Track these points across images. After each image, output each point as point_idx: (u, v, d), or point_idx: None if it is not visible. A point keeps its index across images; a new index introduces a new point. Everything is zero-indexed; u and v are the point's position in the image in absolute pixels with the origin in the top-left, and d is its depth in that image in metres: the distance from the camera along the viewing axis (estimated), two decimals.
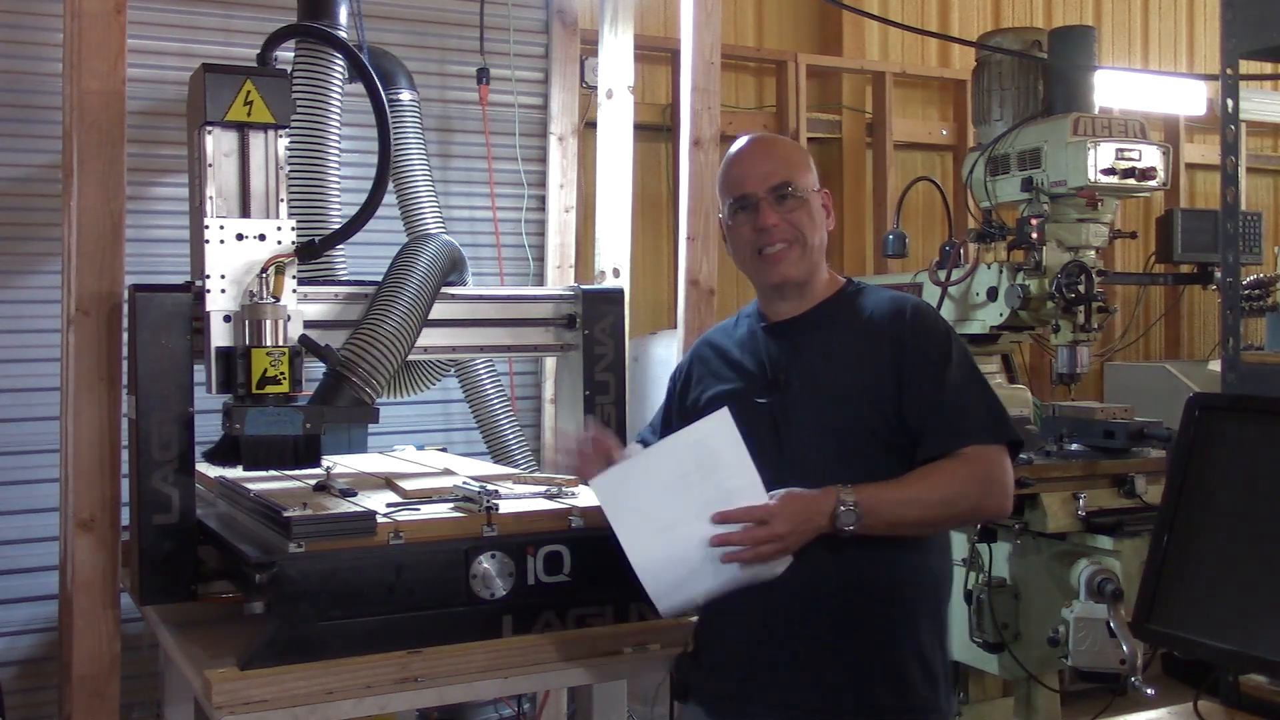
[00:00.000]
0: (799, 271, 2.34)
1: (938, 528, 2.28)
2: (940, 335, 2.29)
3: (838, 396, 2.26)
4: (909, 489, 2.18)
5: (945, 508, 2.21)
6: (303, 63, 3.16)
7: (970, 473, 2.19)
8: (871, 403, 2.23)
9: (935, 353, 2.25)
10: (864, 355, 2.28)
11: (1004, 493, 2.22)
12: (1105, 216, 3.95)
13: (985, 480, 2.20)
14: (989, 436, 2.22)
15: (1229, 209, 2.47)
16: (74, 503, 2.81)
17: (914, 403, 2.22)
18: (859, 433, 2.23)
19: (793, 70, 5.65)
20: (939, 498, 2.19)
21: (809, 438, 2.26)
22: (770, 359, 2.35)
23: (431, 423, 4.38)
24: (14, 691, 3.75)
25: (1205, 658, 2.11)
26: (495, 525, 2.42)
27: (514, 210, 4.54)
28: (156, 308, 2.58)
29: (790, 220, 2.32)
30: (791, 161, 2.38)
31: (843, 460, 2.22)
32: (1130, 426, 3.71)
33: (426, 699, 2.30)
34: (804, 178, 2.36)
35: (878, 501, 2.14)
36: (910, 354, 2.25)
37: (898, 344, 2.26)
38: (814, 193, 2.36)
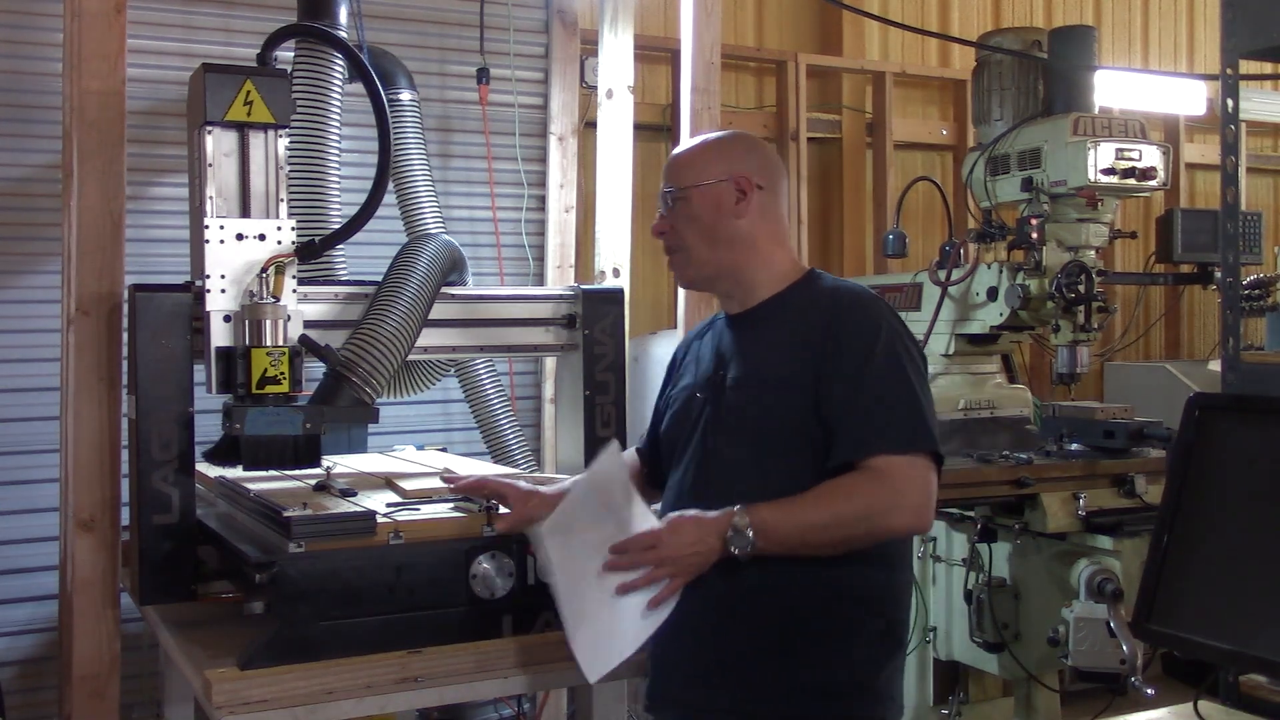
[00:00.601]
0: (693, 275, 2.33)
1: (842, 548, 2.10)
2: (867, 330, 2.15)
3: (760, 392, 2.20)
4: (805, 510, 2.07)
5: (844, 529, 2.07)
6: (303, 63, 3.16)
7: (874, 489, 2.06)
8: (791, 399, 2.14)
9: (856, 349, 2.12)
10: (790, 350, 2.19)
11: (915, 509, 2.07)
12: (1105, 216, 3.96)
13: (891, 496, 2.06)
14: (900, 446, 2.07)
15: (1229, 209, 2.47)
16: (74, 503, 2.81)
17: (827, 403, 2.11)
18: (777, 429, 2.16)
19: (793, 70, 5.65)
20: (836, 518, 2.06)
21: (731, 434, 2.22)
22: (719, 354, 2.32)
23: (431, 423, 4.38)
24: (14, 691, 3.75)
25: (1205, 658, 2.11)
26: (495, 525, 2.42)
27: (514, 210, 4.54)
28: (156, 308, 2.58)
29: (676, 223, 2.29)
30: (680, 162, 2.34)
31: (759, 458, 2.17)
32: (1130, 426, 3.71)
33: (426, 699, 2.30)
34: (689, 174, 2.28)
35: (773, 525, 2.06)
36: (829, 349, 2.14)
37: (821, 337, 2.15)
38: (706, 184, 2.25)
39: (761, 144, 2.42)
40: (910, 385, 2.13)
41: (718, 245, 2.27)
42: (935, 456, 2.12)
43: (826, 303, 2.22)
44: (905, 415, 2.10)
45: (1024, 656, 3.62)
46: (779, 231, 2.33)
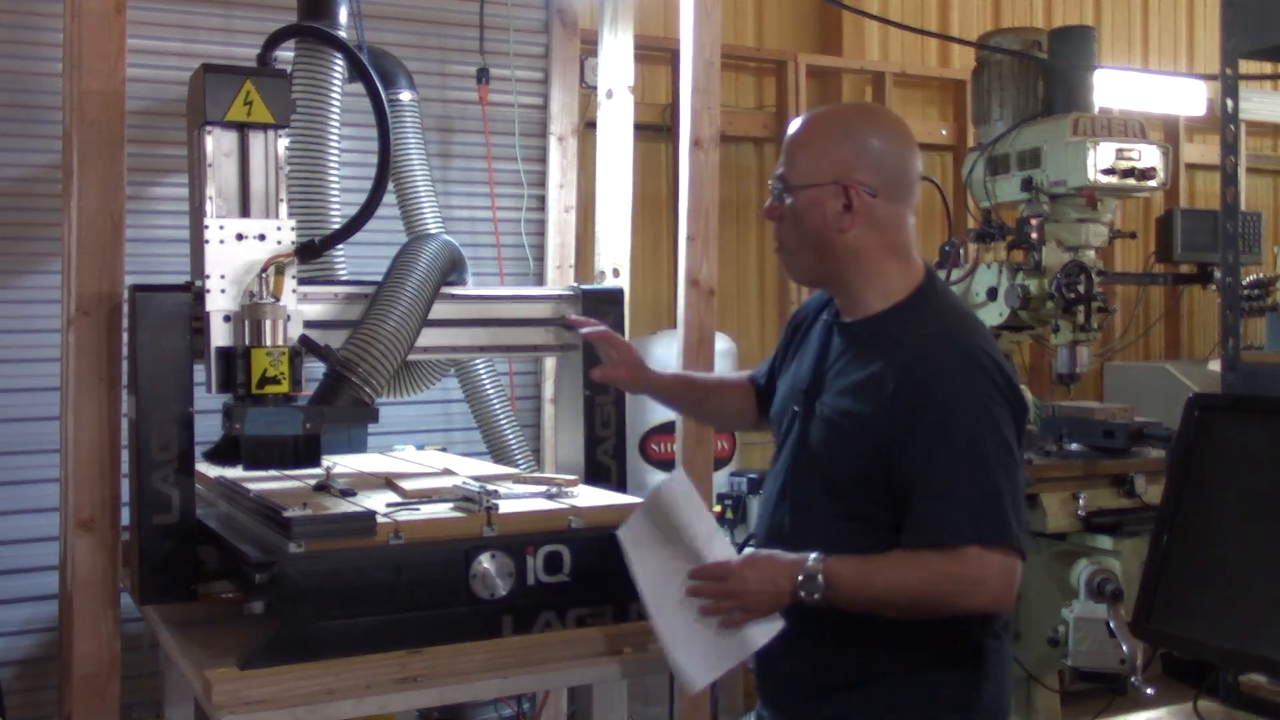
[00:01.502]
0: (798, 275, 2.24)
1: (911, 614, 2.00)
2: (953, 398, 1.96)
3: (834, 432, 2.09)
4: (880, 574, 1.99)
5: (916, 602, 1.98)
6: (303, 63, 3.16)
7: (951, 573, 1.94)
8: (857, 444, 2.04)
9: (935, 420, 1.96)
10: (875, 396, 2.02)
11: (993, 598, 1.96)
12: (1105, 216, 3.96)
13: (967, 584, 1.95)
14: (981, 540, 1.93)
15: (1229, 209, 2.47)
16: (74, 503, 2.81)
17: (902, 474, 1.98)
18: (845, 475, 2.08)
19: (793, 70, 5.65)
20: (908, 592, 1.97)
21: (810, 470, 2.15)
22: (819, 366, 2.18)
23: (431, 423, 4.38)
24: (14, 691, 3.75)
25: (1205, 658, 2.11)
26: (495, 525, 2.42)
27: (514, 210, 4.54)
28: (156, 308, 2.58)
29: (786, 216, 2.13)
30: (799, 148, 2.12)
31: (834, 502, 2.09)
32: (1130, 426, 3.72)
33: (426, 699, 2.30)
34: (803, 166, 2.09)
35: (845, 581, 1.99)
36: (909, 413, 1.97)
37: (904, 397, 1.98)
38: (815, 186, 2.07)
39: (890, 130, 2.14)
40: (992, 469, 1.95)
41: (821, 254, 2.10)
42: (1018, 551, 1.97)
43: (920, 348, 2.02)
44: (987, 505, 1.95)
45: (1024, 656, 3.62)
46: (895, 241, 2.11)
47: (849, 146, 2.08)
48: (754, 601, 2.06)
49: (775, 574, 2.04)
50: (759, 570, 2.06)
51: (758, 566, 2.07)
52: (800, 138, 2.13)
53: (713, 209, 3.64)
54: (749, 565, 2.08)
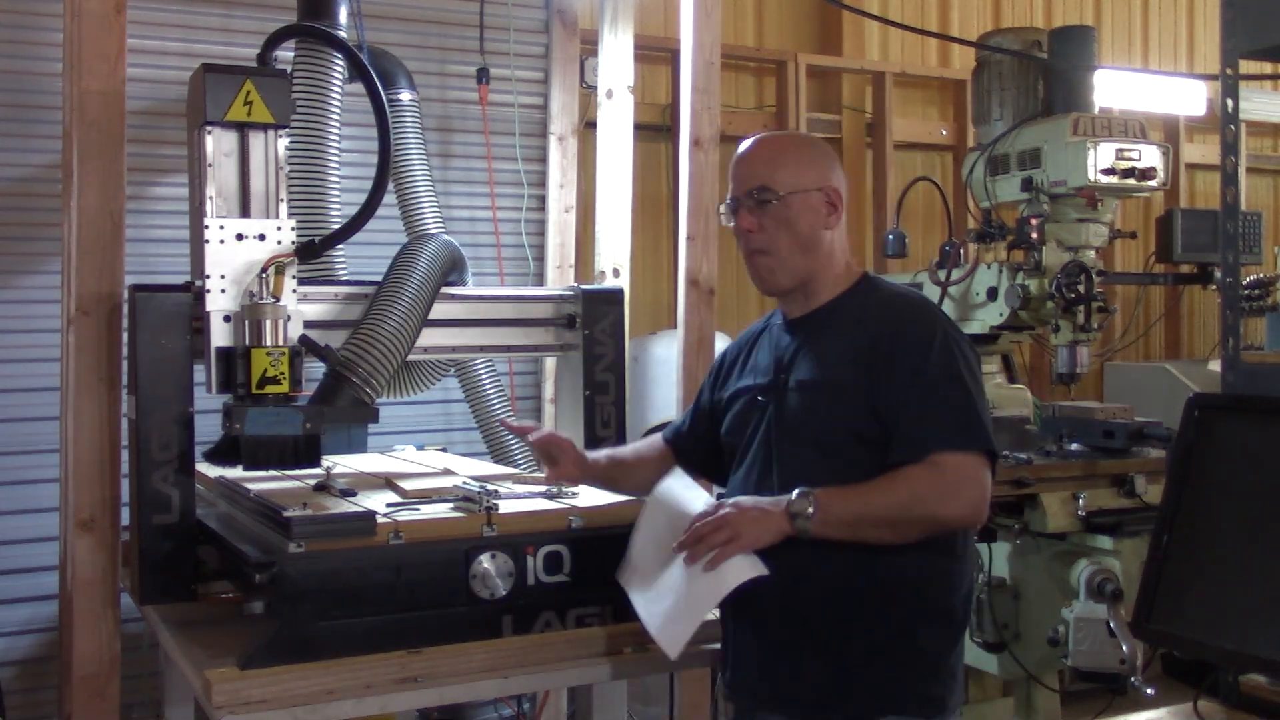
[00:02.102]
0: (781, 280, 2.33)
1: (899, 531, 2.16)
2: (922, 331, 2.22)
3: (821, 395, 2.25)
4: (863, 494, 2.14)
5: (901, 511, 2.14)
6: (303, 63, 3.16)
7: (931, 479, 2.13)
8: (850, 401, 2.20)
9: (911, 351, 2.19)
10: (848, 354, 2.25)
11: (971, 502, 2.15)
12: (1105, 216, 3.96)
13: (947, 487, 2.13)
14: (957, 443, 2.14)
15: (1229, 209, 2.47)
16: (74, 503, 2.81)
17: (885, 403, 2.18)
18: (838, 431, 2.22)
19: (793, 70, 5.65)
20: (892, 504, 2.13)
21: (794, 435, 2.27)
22: (778, 357, 2.36)
23: (431, 423, 4.38)
24: (14, 691, 3.75)
25: (1205, 658, 2.11)
26: (495, 525, 2.42)
27: (514, 210, 4.54)
28: (156, 308, 2.58)
29: (767, 225, 2.29)
30: (775, 162, 2.32)
31: (824, 460, 2.22)
32: (1130, 426, 3.71)
33: (426, 699, 2.30)
34: (787, 178, 2.29)
35: (832, 502, 2.12)
36: (885, 350, 2.20)
37: (875, 339, 2.22)
38: (804, 192, 2.29)
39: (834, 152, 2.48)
40: (965, 386, 2.19)
41: (808, 254, 2.31)
42: (990, 455, 2.18)
43: (883, 309, 2.29)
44: (961, 415, 2.17)
45: (1024, 656, 3.62)
46: (846, 242, 2.41)
47: (822, 159, 2.37)
48: (745, 523, 2.13)
49: (765, 501, 2.17)
50: (749, 500, 2.20)
51: (743, 501, 2.20)
52: (775, 155, 2.35)
53: (713, 209, 3.64)
54: (736, 499, 2.22)
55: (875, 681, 2.19)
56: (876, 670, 2.19)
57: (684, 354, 3.62)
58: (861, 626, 2.19)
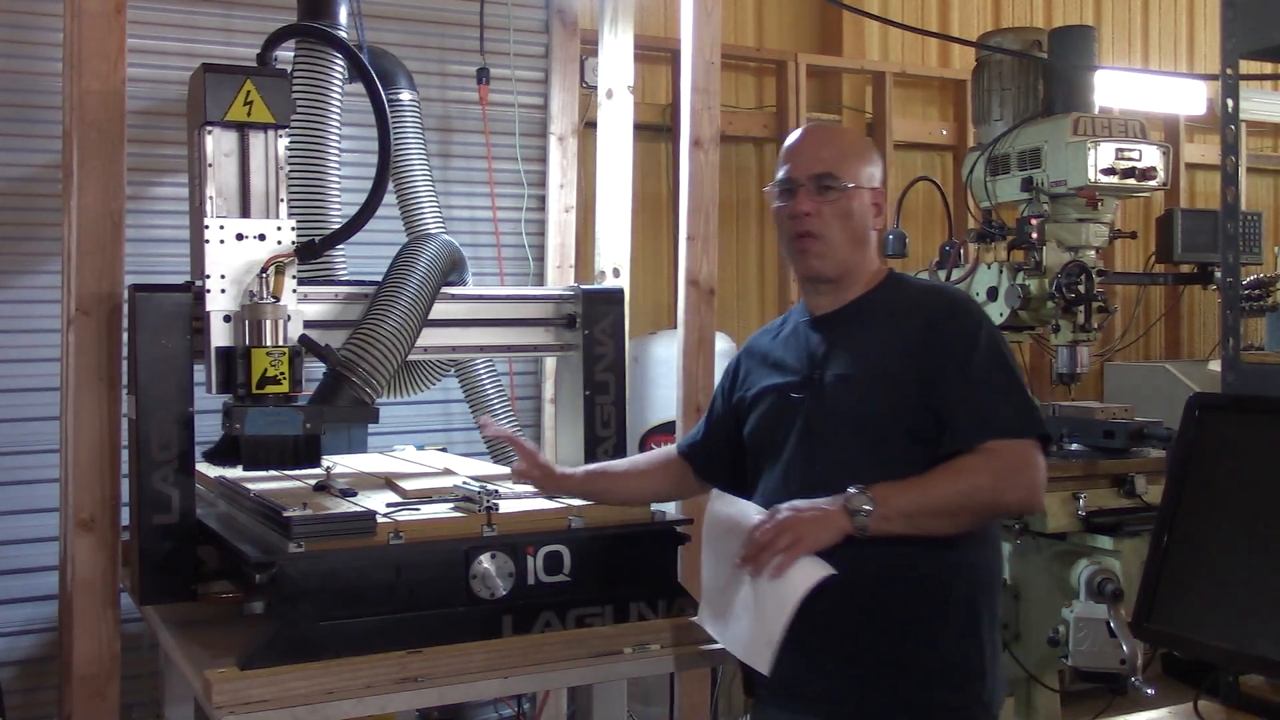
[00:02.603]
0: (827, 267, 2.31)
1: (959, 521, 2.16)
2: (968, 323, 2.25)
3: (864, 389, 2.23)
4: (923, 485, 2.13)
5: (962, 500, 2.13)
6: (303, 63, 3.16)
7: (990, 466, 2.13)
8: (896, 394, 2.20)
9: (961, 343, 2.21)
10: (892, 347, 2.25)
11: (1029, 486, 2.16)
12: (1105, 216, 3.96)
13: (1006, 473, 2.14)
14: (1013, 430, 2.16)
15: (1229, 209, 2.46)
16: (74, 503, 2.81)
17: (938, 395, 2.18)
18: (885, 425, 2.21)
19: (793, 70, 5.65)
20: (953, 492, 2.13)
21: (838, 432, 2.25)
22: (809, 353, 2.34)
23: (431, 423, 4.38)
24: (14, 691, 3.75)
25: (1205, 658, 2.11)
26: (495, 525, 2.42)
27: (514, 210, 4.54)
28: (156, 308, 2.58)
29: (825, 212, 2.28)
30: (843, 153, 2.32)
31: (870, 453, 2.20)
32: (1130, 426, 3.71)
33: (426, 699, 2.30)
34: (852, 171, 2.30)
35: (891, 496, 2.10)
36: (934, 344, 2.21)
37: (924, 334, 2.23)
38: (863, 189, 2.30)
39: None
40: (1014, 374, 2.24)
41: (856, 248, 2.32)
42: (1042, 440, 2.20)
43: (923, 302, 2.31)
44: (1013, 402, 2.19)
45: (1024, 656, 3.62)
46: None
47: (878, 160, 2.40)
48: (804, 525, 2.09)
49: (822, 502, 2.13)
50: (804, 503, 2.14)
51: (802, 502, 2.15)
52: (844, 147, 2.36)
53: (713, 209, 3.64)
54: (791, 504, 2.16)
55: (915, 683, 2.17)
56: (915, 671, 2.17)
57: (684, 354, 3.62)
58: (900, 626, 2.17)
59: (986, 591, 2.26)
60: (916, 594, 2.18)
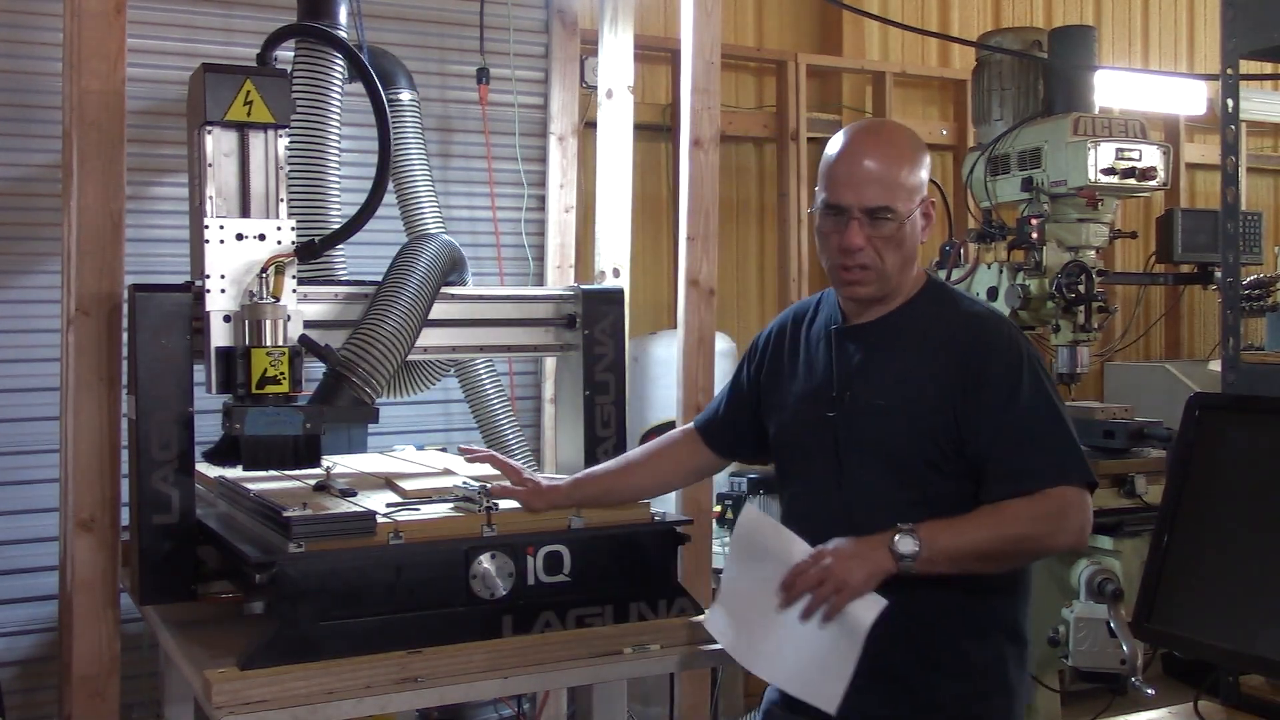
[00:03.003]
0: (871, 291, 2.24)
1: (1002, 564, 2.14)
2: (1010, 359, 2.15)
3: (896, 418, 2.18)
4: (971, 527, 2.09)
5: (1011, 545, 2.11)
6: (303, 63, 3.16)
7: (1042, 514, 2.09)
8: (925, 426, 2.15)
9: (1002, 382, 2.13)
10: (927, 378, 2.17)
11: (1077, 531, 2.11)
12: (1105, 216, 3.96)
13: (1054, 519, 2.09)
14: (1059, 479, 2.09)
15: (1229, 209, 2.47)
16: (74, 503, 2.81)
17: (977, 433, 2.12)
18: (911, 456, 2.17)
19: (793, 70, 5.64)
20: (1004, 536, 2.09)
21: (866, 459, 2.21)
22: (839, 366, 2.28)
23: (431, 423, 4.38)
24: (14, 691, 3.75)
25: (1205, 658, 2.11)
26: (495, 525, 2.42)
27: (514, 210, 4.54)
28: (156, 308, 2.58)
29: (877, 244, 2.18)
30: (897, 178, 2.18)
31: (900, 483, 2.17)
32: (1130, 426, 3.72)
33: (426, 699, 2.29)
34: (906, 194, 2.18)
35: (939, 537, 2.06)
36: (973, 379, 2.13)
37: (961, 370, 2.15)
38: (915, 210, 2.20)
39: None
40: (1059, 415, 2.15)
41: (905, 269, 2.24)
42: (1089, 485, 2.14)
43: (963, 332, 2.20)
44: (1062, 447, 2.13)
45: None
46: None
47: (922, 167, 2.24)
48: (852, 570, 2.04)
49: (866, 543, 2.07)
50: (849, 544, 2.08)
51: (844, 543, 2.08)
52: (902, 169, 2.20)
53: (713, 209, 3.64)
54: (836, 544, 2.09)
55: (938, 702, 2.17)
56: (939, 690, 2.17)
57: (684, 354, 3.62)
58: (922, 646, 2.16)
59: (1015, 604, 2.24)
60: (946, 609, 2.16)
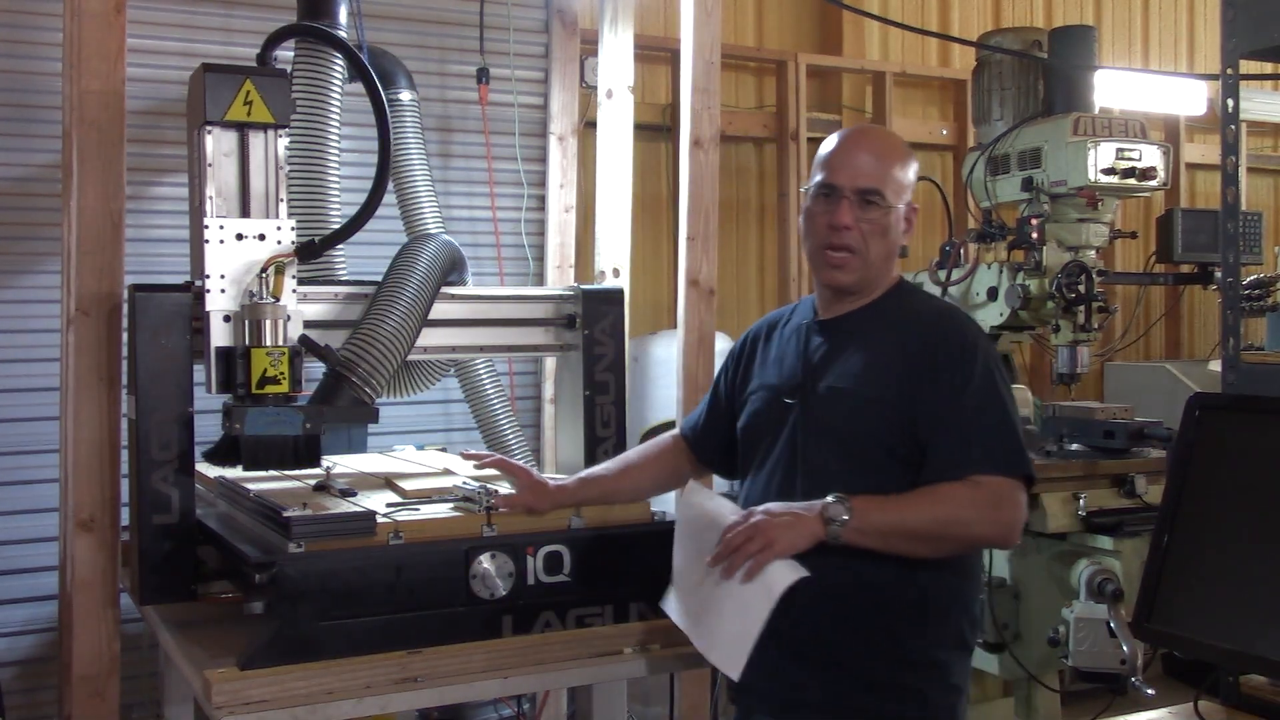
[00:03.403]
0: (853, 279, 2.30)
1: (932, 547, 2.17)
2: (964, 352, 2.21)
3: (854, 405, 2.24)
4: (901, 505, 2.14)
5: (939, 528, 2.14)
6: (303, 63, 3.16)
7: (971, 497, 2.13)
8: (883, 414, 2.20)
9: (954, 371, 2.19)
10: (885, 365, 2.24)
11: (1007, 524, 2.15)
12: (1105, 216, 3.96)
13: (987, 507, 2.13)
14: (999, 467, 2.14)
15: (1229, 209, 2.46)
16: (74, 503, 2.81)
17: (925, 421, 2.17)
18: (870, 443, 2.21)
19: (793, 70, 5.65)
20: (933, 517, 2.13)
21: (823, 444, 2.26)
22: (807, 357, 2.34)
23: (431, 423, 4.38)
24: (14, 691, 3.75)
25: (1205, 658, 2.11)
26: (495, 525, 2.42)
27: (514, 210, 4.54)
28: (156, 308, 2.58)
29: (864, 228, 2.26)
30: (890, 168, 2.29)
31: (854, 468, 2.21)
32: (1130, 426, 3.71)
33: (426, 699, 2.30)
34: (896, 187, 2.28)
35: (869, 509, 2.10)
36: (928, 367, 2.19)
37: (919, 358, 2.21)
38: (901, 206, 2.30)
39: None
40: (1007, 411, 2.20)
41: (885, 263, 2.32)
42: (1027, 479, 2.18)
43: (921, 322, 2.28)
44: (1003, 437, 2.17)
45: (1024, 656, 3.62)
46: None
47: (911, 169, 2.35)
48: (779, 530, 2.09)
49: (798, 507, 2.14)
50: (781, 506, 2.16)
51: (779, 505, 2.17)
52: (891, 161, 2.31)
53: (713, 209, 3.64)
54: (767, 506, 2.17)
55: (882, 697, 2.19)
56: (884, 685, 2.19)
57: (684, 354, 3.62)
58: (868, 640, 2.19)
59: (960, 600, 2.26)
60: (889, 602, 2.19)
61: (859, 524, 2.09)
